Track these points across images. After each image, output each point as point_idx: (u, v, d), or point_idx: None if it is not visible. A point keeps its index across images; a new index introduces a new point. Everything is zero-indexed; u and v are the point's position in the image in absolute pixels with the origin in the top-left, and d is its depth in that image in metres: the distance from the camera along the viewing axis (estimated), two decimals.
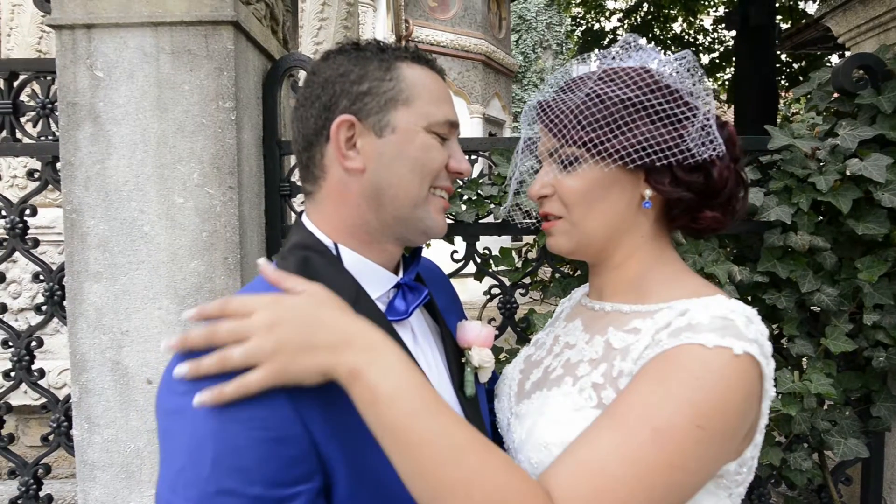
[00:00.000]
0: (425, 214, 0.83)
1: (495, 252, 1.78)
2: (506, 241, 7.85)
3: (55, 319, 1.68)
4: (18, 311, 3.53)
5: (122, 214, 1.45)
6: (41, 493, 1.74)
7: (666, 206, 0.85)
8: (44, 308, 1.68)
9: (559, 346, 0.93)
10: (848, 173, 1.56)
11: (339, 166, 0.80)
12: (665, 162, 0.79)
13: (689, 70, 0.83)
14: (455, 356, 0.91)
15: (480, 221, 1.69)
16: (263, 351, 0.62)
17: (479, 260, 1.75)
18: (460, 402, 0.88)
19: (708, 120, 0.81)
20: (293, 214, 1.71)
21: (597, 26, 11.13)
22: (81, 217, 1.45)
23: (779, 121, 8.83)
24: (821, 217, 1.67)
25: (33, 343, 1.72)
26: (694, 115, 0.80)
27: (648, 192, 0.83)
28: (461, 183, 1.69)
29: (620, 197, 0.83)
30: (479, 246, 1.75)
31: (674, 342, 0.71)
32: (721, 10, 10.62)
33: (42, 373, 1.73)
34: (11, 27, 3.83)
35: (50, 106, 1.65)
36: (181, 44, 1.43)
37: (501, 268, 1.77)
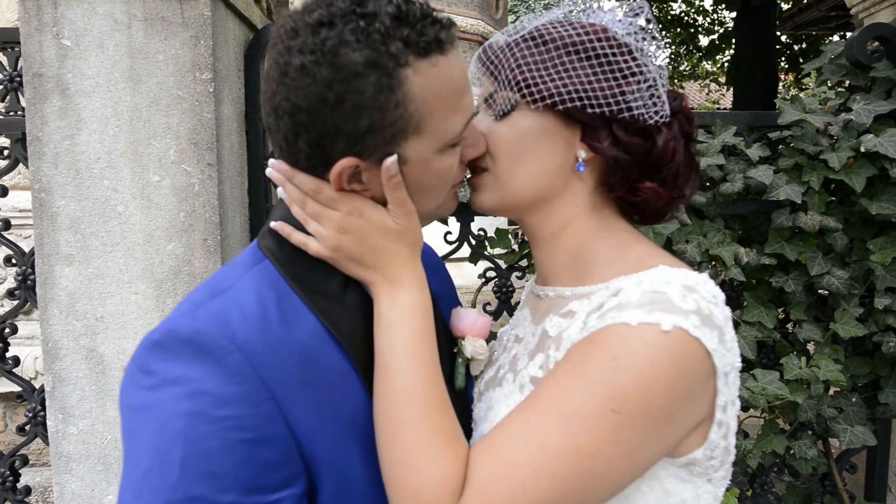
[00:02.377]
0: (441, 210, 0.79)
1: (491, 233, 1.70)
2: (502, 222, 7.77)
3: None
4: (2, 297, 3.46)
5: (94, 193, 1.36)
6: (19, 485, 1.68)
7: (605, 174, 0.78)
8: (17, 293, 1.60)
9: (511, 341, 0.86)
10: (862, 150, 1.48)
11: None
12: (598, 111, 0.73)
13: (645, 26, 0.77)
14: (447, 345, 0.84)
15: None
16: (325, 241, 0.71)
17: (473, 242, 1.68)
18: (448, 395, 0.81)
19: (655, 82, 0.75)
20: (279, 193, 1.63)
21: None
22: (51, 196, 1.37)
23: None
24: (832, 196, 1.60)
25: (7, 330, 1.64)
26: (640, 72, 0.74)
27: (583, 154, 0.76)
28: None
29: (553, 153, 0.76)
30: (474, 227, 1.67)
31: (600, 324, 0.65)
32: None
33: (17, 361, 1.66)
34: None
35: (18, 79, 1.55)
36: (154, 10, 1.34)
37: (497, 250, 1.70)
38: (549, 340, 0.74)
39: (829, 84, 1.69)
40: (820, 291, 1.63)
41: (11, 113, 1.57)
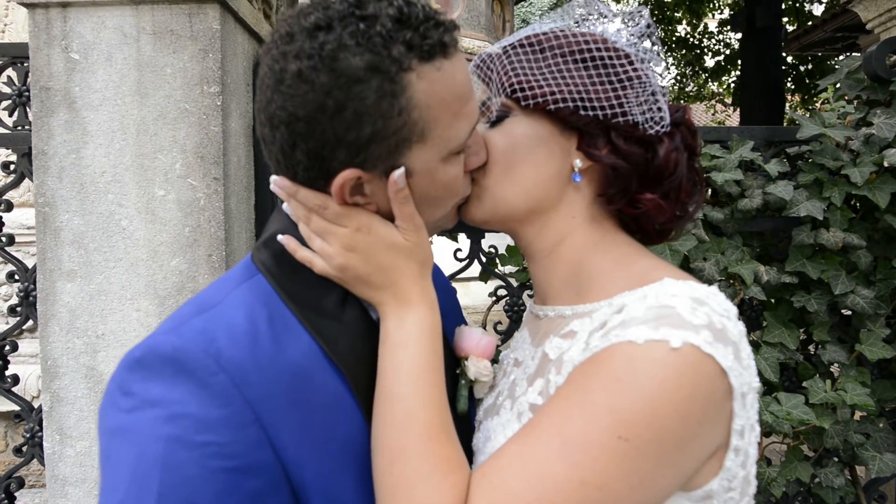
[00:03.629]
0: (442, 222, 0.75)
1: (502, 250, 1.66)
2: None
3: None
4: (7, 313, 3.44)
5: (98, 208, 1.33)
6: None
7: (603, 184, 0.74)
8: (18, 310, 1.57)
9: (510, 365, 0.82)
10: (885, 165, 1.44)
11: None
12: (592, 114, 0.70)
13: (646, 35, 0.74)
14: (450, 366, 0.80)
15: None
16: (331, 260, 0.67)
17: (484, 259, 1.64)
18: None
19: (656, 90, 0.72)
20: None
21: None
22: (55, 211, 1.34)
23: (785, 124, 8.70)
24: (854, 212, 1.55)
25: (7, 347, 1.60)
26: (639, 78, 0.71)
27: (579, 163, 0.72)
28: None
29: (547, 163, 0.73)
30: (485, 244, 1.63)
31: (604, 343, 0.61)
32: (726, 13, 10.51)
33: (16, 379, 1.62)
34: (6, 23, 3.76)
35: (27, 94, 1.54)
36: (163, 24, 1.33)
37: (508, 267, 1.66)
38: (549, 364, 0.70)
39: (848, 99, 1.66)
40: (844, 311, 1.57)
41: (19, 128, 1.55)
